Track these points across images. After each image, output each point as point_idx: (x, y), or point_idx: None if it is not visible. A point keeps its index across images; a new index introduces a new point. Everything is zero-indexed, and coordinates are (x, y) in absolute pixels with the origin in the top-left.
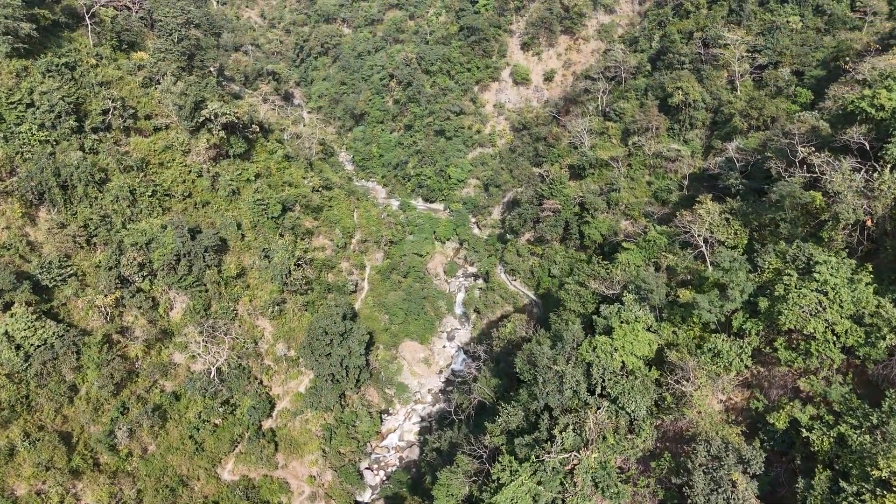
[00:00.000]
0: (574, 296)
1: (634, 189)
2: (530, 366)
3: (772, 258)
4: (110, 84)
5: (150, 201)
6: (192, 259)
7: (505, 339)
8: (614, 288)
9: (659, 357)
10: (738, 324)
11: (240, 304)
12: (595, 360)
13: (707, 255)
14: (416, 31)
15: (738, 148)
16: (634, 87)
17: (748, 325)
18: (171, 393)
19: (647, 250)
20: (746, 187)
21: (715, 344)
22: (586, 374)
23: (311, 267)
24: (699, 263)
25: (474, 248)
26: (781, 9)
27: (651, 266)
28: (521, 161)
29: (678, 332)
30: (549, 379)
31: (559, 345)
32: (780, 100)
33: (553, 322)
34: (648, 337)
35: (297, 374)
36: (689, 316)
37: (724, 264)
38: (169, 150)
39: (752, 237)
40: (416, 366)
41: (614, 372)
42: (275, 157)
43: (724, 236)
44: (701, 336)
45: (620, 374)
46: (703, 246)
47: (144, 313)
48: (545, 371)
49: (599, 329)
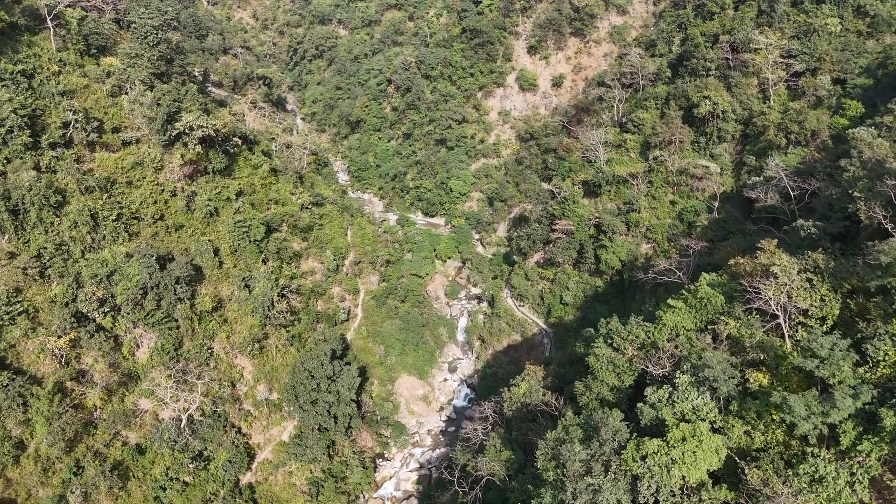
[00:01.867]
0: (606, 364)
1: (656, 209)
2: (555, 463)
3: (888, 347)
4: (73, 93)
5: (115, 226)
6: (160, 292)
7: (518, 401)
8: (661, 363)
9: (728, 466)
10: (848, 440)
11: (216, 342)
12: (645, 474)
13: (785, 329)
14: (415, 32)
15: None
16: (654, 95)
17: (864, 446)
18: (134, 446)
19: (700, 311)
20: (822, 232)
21: (815, 466)
22: (631, 489)
23: (298, 295)
24: (774, 335)
25: (478, 268)
26: (818, 10)
27: (707, 336)
28: (528, 174)
29: (754, 435)
30: (580, 490)
31: (594, 442)
32: (821, 111)
33: (579, 393)
34: (716, 441)
35: (281, 419)
36: (767, 410)
37: (820, 351)
38: (139, 167)
39: (845, 305)
40: (415, 404)
41: (672, 492)
42: (259, 172)
43: (808, 303)
44: (786, 442)
45: (681, 496)
46: (781, 316)
47: (105, 355)
48: (575, 480)
49: (646, 420)
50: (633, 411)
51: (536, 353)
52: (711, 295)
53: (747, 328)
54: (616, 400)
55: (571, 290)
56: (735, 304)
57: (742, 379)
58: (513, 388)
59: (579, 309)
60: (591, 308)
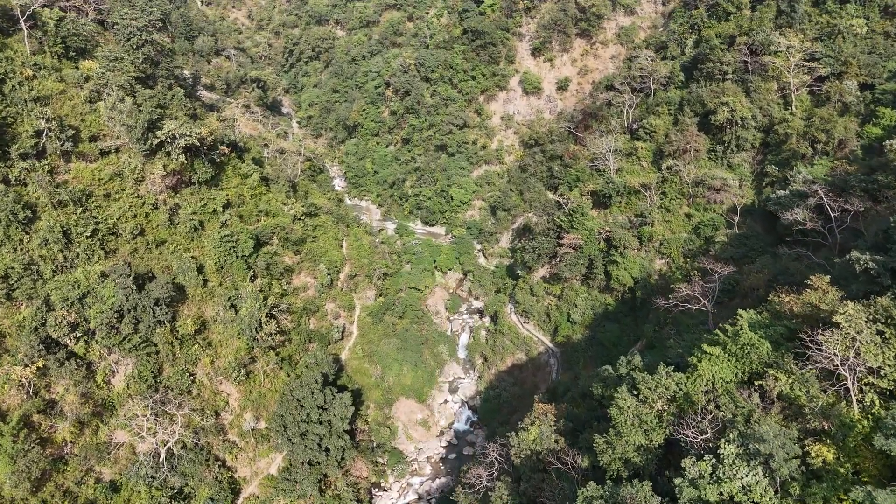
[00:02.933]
0: (631, 418)
1: (670, 222)
2: None
3: None
4: (48, 100)
5: (89, 243)
6: (138, 314)
7: (527, 448)
8: (700, 426)
9: None
10: None
11: (199, 367)
12: None
13: (854, 392)
14: (415, 33)
15: (806, 179)
16: (666, 100)
17: None
18: (108, 483)
19: (742, 359)
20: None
21: None
22: None
23: (289, 315)
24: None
25: (480, 280)
26: (842, 10)
27: (754, 393)
28: (532, 182)
29: None
30: None
31: None
32: (848, 118)
33: (600, 450)
34: None
35: (269, 451)
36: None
37: None
38: (118, 179)
39: None
40: (413, 429)
41: None
42: (249, 182)
43: (878, 361)
44: None
45: None
46: (848, 377)
47: (77, 384)
48: None
49: (685, 500)
50: (663, 475)
51: (542, 374)
52: (755, 341)
53: (802, 385)
54: (643, 462)
55: (580, 308)
56: (784, 353)
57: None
58: (521, 432)
59: (588, 328)
60: (601, 327)
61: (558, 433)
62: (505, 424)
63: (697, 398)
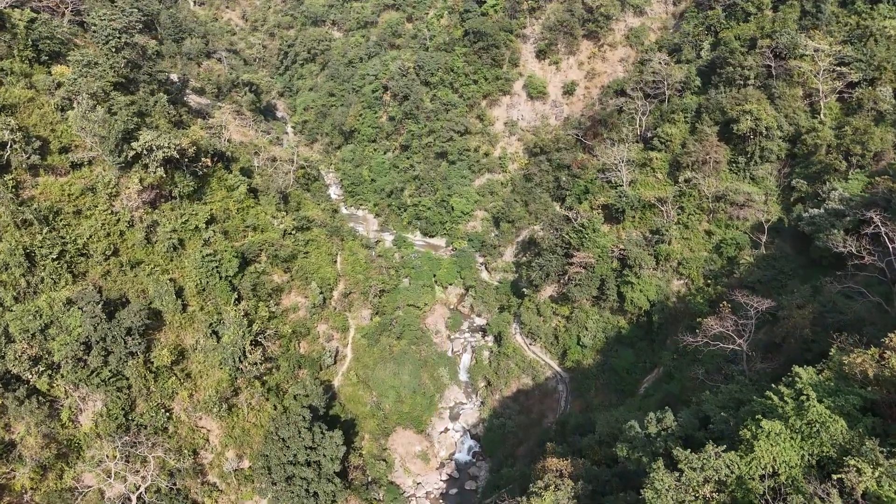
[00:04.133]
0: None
1: (689, 240)
2: None
3: None
4: (15, 108)
5: (55, 266)
6: (108, 345)
7: None
8: None
9: None
10: None
11: (176, 402)
12: None
13: None
14: (414, 35)
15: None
16: (682, 107)
17: None
18: None
19: (809, 439)
20: None
21: None
22: None
23: (277, 340)
24: None
25: (483, 296)
26: (873, 11)
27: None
28: (538, 192)
29: None
30: None
31: None
32: (884, 128)
33: None
34: None
35: (252, 493)
36: None
37: None
38: (90, 194)
39: None
40: (411, 462)
41: None
42: (235, 195)
43: None
44: None
45: None
46: None
47: (39, 424)
48: None
49: None
50: None
51: (550, 402)
52: (827, 418)
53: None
54: None
55: (590, 331)
56: (864, 435)
57: None
58: (534, 497)
59: (599, 352)
60: (614, 352)
61: (576, 499)
62: (510, 457)
63: (754, 485)
